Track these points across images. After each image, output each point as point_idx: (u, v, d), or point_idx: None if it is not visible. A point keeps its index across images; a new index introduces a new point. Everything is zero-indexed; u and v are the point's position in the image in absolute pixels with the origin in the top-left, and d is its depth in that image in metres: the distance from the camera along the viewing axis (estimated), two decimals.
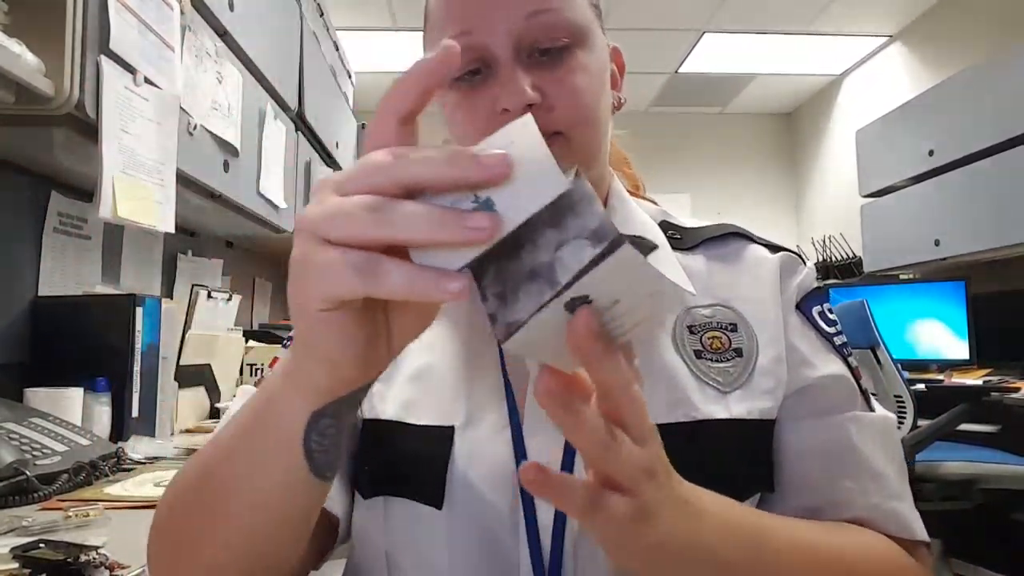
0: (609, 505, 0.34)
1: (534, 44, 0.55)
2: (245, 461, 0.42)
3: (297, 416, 0.38)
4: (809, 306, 0.61)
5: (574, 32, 0.56)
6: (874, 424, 0.57)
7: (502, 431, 0.54)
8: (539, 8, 0.54)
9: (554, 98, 0.54)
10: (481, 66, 0.55)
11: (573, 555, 0.51)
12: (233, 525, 0.43)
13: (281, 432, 0.39)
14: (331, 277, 0.32)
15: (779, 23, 3.81)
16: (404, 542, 0.54)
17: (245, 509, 0.42)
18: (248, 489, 0.42)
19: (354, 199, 0.32)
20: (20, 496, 0.83)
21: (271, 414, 0.40)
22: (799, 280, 0.62)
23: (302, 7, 2.14)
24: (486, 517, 0.52)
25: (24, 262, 1.23)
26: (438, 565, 0.52)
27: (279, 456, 0.40)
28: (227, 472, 0.43)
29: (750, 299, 0.60)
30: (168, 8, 1.20)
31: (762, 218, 5.01)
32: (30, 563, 0.60)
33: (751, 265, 0.62)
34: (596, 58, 0.58)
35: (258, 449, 0.41)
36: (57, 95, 0.92)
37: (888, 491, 0.55)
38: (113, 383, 1.21)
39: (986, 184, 2.70)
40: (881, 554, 0.52)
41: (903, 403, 2.31)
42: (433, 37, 0.58)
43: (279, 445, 0.39)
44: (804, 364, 0.58)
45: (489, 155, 0.31)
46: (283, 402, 0.39)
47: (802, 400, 0.57)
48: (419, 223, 0.31)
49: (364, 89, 4.37)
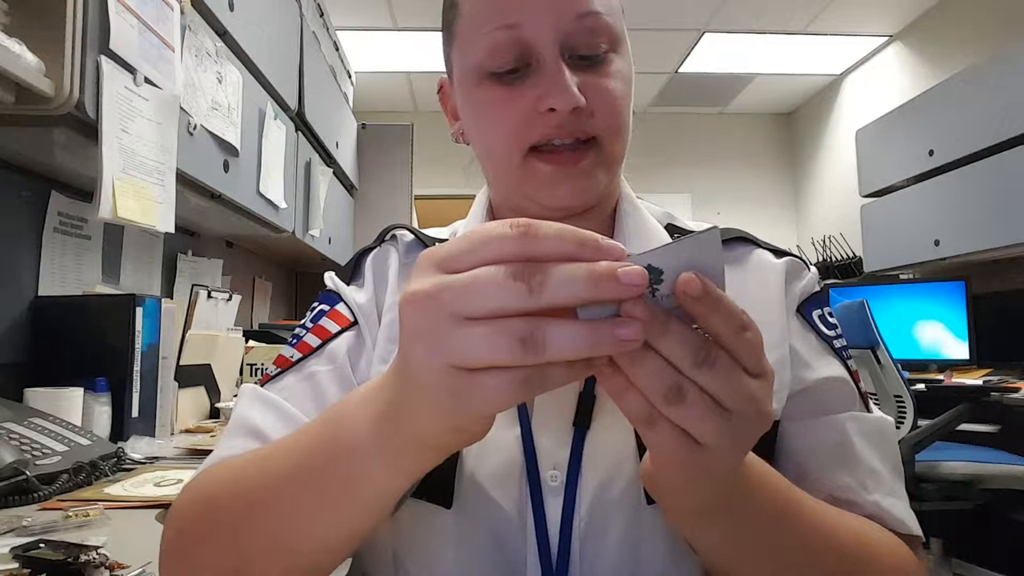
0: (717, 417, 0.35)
1: (579, 46, 0.54)
2: (318, 512, 0.42)
3: (395, 491, 0.41)
4: (809, 309, 0.61)
5: (614, 38, 0.56)
6: (872, 424, 0.58)
7: (511, 430, 0.54)
8: (589, 10, 0.54)
9: (595, 102, 0.54)
10: (521, 65, 0.55)
11: (580, 554, 0.52)
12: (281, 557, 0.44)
13: (376, 501, 0.41)
14: (490, 400, 0.32)
15: (779, 23, 3.81)
16: (412, 541, 0.54)
17: (306, 545, 0.43)
18: (318, 532, 0.43)
19: (507, 331, 0.31)
20: (20, 496, 0.83)
21: (364, 483, 0.40)
22: (802, 285, 0.62)
23: (302, 7, 2.14)
24: (494, 516, 0.52)
25: (24, 262, 1.23)
26: (446, 564, 0.52)
27: (366, 516, 0.42)
28: (291, 511, 0.43)
29: (755, 302, 0.59)
30: (168, 8, 1.20)
31: (762, 218, 5.01)
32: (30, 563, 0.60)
33: (757, 269, 0.62)
34: (628, 65, 0.58)
35: (339, 506, 0.42)
36: (57, 95, 0.92)
37: (886, 488, 0.56)
38: (113, 383, 1.20)
39: (986, 184, 2.70)
40: (888, 541, 0.53)
41: (903, 403, 2.31)
42: (466, 28, 0.57)
43: (368, 511, 0.42)
44: (804, 366, 0.58)
45: (629, 272, 0.32)
46: (383, 480, 0.40)
47: (802, 401, 0.57)
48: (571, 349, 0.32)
49: (364, 89, 4.37)
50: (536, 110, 0.54)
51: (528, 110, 0.54)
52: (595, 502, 0.52)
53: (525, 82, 0.54)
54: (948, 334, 3.00)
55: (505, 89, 0.55)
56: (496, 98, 0.55)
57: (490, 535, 0.52)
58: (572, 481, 0.52)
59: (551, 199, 0.57)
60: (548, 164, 0.55)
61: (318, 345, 0.59)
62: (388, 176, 3.28)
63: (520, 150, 0.55)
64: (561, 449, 0.53)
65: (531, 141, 0.55)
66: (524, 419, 0.54)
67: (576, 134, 0.54)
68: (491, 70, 0.55)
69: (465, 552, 0.52)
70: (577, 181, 0.55)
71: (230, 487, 0.47)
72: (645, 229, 0.62)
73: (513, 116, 0.55)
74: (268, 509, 0.44)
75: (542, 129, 0.54)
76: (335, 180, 2.66)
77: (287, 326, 2.28)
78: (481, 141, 0.59)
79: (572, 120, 0.54)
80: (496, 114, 0.56)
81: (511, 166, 0.57)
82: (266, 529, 0.44)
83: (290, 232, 2.06)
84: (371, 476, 0.40)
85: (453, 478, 0.52)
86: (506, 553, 0.52)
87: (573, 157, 0.55)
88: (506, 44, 0.54)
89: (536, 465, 0.53)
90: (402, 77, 4.47)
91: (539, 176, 0.55)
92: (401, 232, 0.66)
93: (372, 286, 0.63)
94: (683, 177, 5.08)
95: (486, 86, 0.56)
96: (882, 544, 0.52)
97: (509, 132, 0.55)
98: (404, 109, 4.95)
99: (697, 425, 0.34)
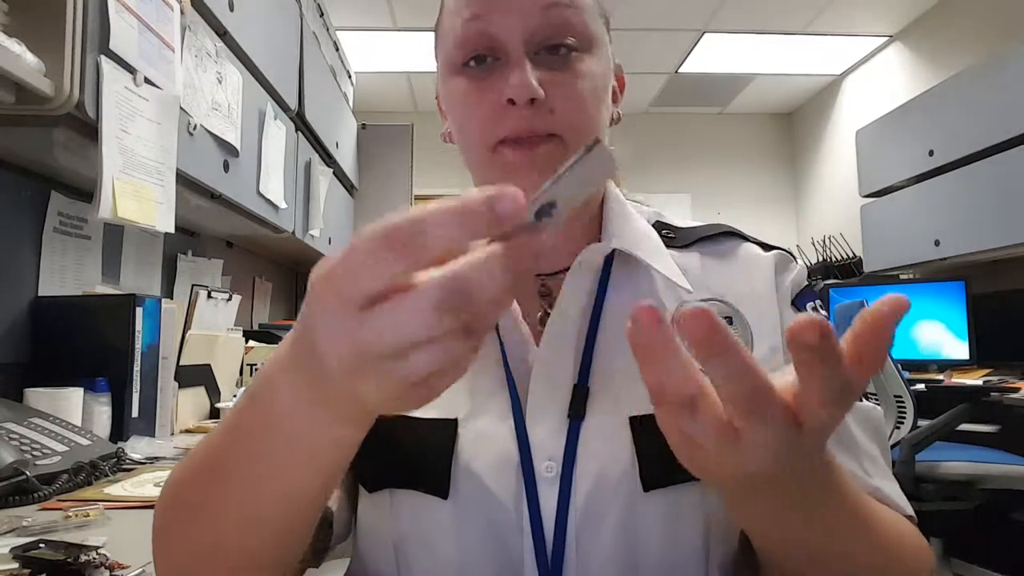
0: None
1: (545, 40, 0.55)
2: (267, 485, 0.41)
3: (349, 448, 0.39)
4: (803, 302, 0.62)
5: (585, 36, 0.56)
6: (866, 413, 0.60)
7: (505, 422, 0.55)
8: (554, 1, 0.55)
9: (556, 99, 0.55)
10: (489, 54, 0.56)
11: (576, 543, 0.52)
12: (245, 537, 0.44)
13: (328, 461, 0.39)
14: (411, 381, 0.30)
15: (779, 23, 3.81)
16: (411, 533, 0.55)
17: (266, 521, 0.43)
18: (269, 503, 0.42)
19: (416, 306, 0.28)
20: (20, 496, 0.83)
21: (308, 446, 0.38)
22: (792, 276, 0.63)
23: (302, 7, 2.14)
24: (490, 506, 0.53)
25: (24, 262, 1.23)
26: (445, 554, 0.53)
27: (318, 476, 0.40)
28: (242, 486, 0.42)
29: (745, 294, 0.61)
30: (168, 8, 1.20)
31: (762, 218, 5.01)
32: (30, 563, 0.60)
33: (745, 262, 0.63)
34: (601, 68, 0.58)
35: (284, 476, 0.40)
36: (57, 95, 0.92)
37: (883, 473, 0.58)
38: (113, 383, 1.20)
39: (986, 184, 2.70)
40: (906, 527, 0.55)
41: (903, 403, 2.31)
42: (447, 20, 0.59)
43: (320, 471, 0.40)
44: None
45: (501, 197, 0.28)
46: (324, 457, 0.39)
47: None
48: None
49: (364, 89, 4.37)
50: (500, 103, 0.55)
51: (495, 103, 0.55)
52: (591, 492, 0.52)
53: (492, 75, 0.56)
54: (948, 334, 3.00)
55: (474, 83, 0.57)
56: (466, 90, 0.57)
57: (487, 526, 0.53)
58: (568, 472, 0.53)
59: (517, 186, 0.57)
60: (513, 152, 0.56)
61: None
62: (388, 176, 3.28)
63: (488, 145, 0.57)
64: (556, 440, 0.54)
65: (498, 136, 0.56)
66: (518, 411, 0.55)
67: (535, 130, 0.55)
68: (460, 62, 0.57)
69: (463, 543, 0.53)
70: (536, 166, 0.55)
71: (191, 463, 0.46)
72: (631, 226, 0.63)
73: (482, 109, 0.56)
74: (219, 480, 0.43)
75: (508, 123, 0.55)
76: (335, 180, 2.66)
77: (287, 326, 2.28)
78: (458, 134, 0.61)
79: (532, 115, 0.54)
80: (467, 107, 0.57)
81: (481, 157, 0.58)
82: (224, 500, 0.43)
83: (290, 232, 2.06)
84: (299, 432, 0.37)
85: (449, 469, 0.53)
86: (503, 543, 0.53)
87: (532, 144, 0.55)
88: (474, 36, 0.56)
89: (530, 457, 0.53)
90: (402, 77, 4.47)
91: (505, 165, 0.56)
92: None
93: None
94: (683, 177, 5.07)
95: (458, 79, 0.57)
96: (909, 534, 0.54)
97: (478, 125, 0.57)
98: (404, 109, 4.95)
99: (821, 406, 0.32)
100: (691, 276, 0.61)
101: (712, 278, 0.62)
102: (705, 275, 0.62)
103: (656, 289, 0.60)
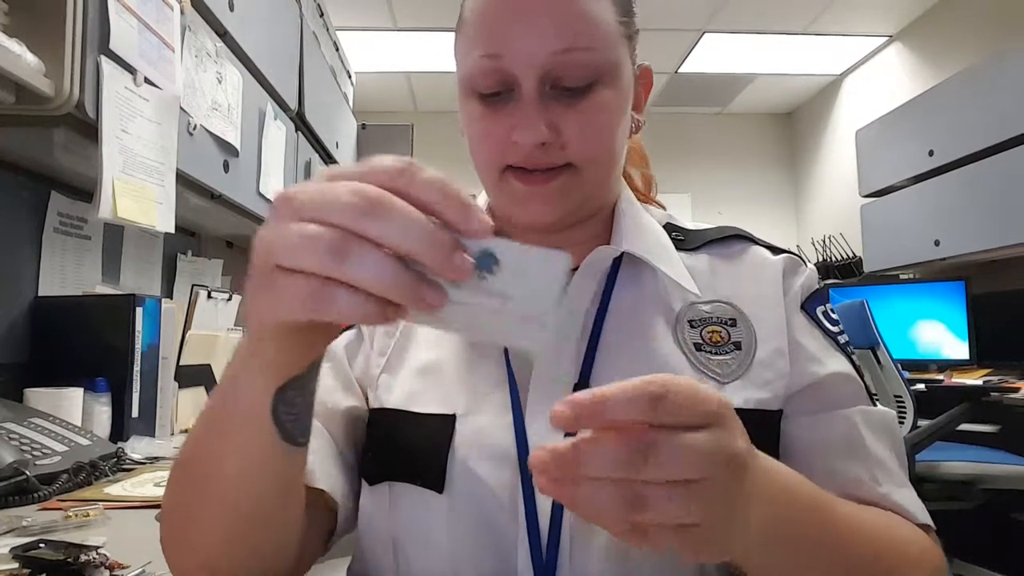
0: None
1: (559, 80, 0.56)
2: (219, 443, 0.43)
3: (262, 393, 0.40)
4: (813, 306, 0.62)
5: (600, 71, 0.57)
6: (879, 418, 0.59)
7: (503, 418, 0.56)
8: (570, 46, 0.55)
9: (568, 136, 0.56)
10: (504, 89, 0.57)
11: (570, 540, 0.53)
12: (217, 507, 0.45)
13: (250, 409, 0.41)
14: (286, 303, 0.33)
15: (779, 23, 3.81)
16: (408, 525, 0.56)
17: (228, 488, 0.44)
18: (226, 468, 0.43)
19: (319, 238, 0.31)
20: (20, 496, 0.83)
21: (238, 394, 0.41)
22: (802, 281, 0.63)
23: (302, 7, 2.14)
24: (485, 500, 0.54)
25: (24, 262, 1.23)
26: (440, 546, 0.54)
27: (250, 431, 0.41)
28: (204, 455, 0.45)
29: (751, 296, 0.61)
30: (168, 8, 1.20)
31: (762, 218, 5.01)
32: (30, 563, 0.60)
33: (754, 265, 0.63)
34: (619, 94, 0.59)
35: (230, 429, 0.42)
36: (57, 95, 0.92)
37: (896, 480, 0.57)
38: (113, 383, 1.20)
39: (986, 184, 2.70)
40: (911, 532, 0.55)
41: (903, 403, 2.31)
42: (465, 47, 0.60)
43: (249, 421, 0.41)
44: (812, 361, 0.59)
45: (464, 263, 0.32)
46: (247, 383, 0.40)
47: (812, 396, 0.58)
48: (376, 279, 0.32)
49: (364, 89, 4.37)
50: (509, 139, 0.56)
51: (504, 136, 0.56)
52: None
53: (506, 107, 0.57)
54: (948, 334, 3.00)
55: (487, 110, 0.58)
56: (479, 117, 0.58)
57: (482, 520, 0.54)
58: None
59: (523, 216, 0.60)
60: (521, 182, 0.58)
61: None
62: None
63: (497, 168, 0.58)
64: (554, 437, 0.54)
65: (506, 162, 0.58)
66: (517, 408, 0.56)
67: (546, 164, 0.57)
68: (477, 89, 0.58)
69: (458, 536, 0.54)
70: (548, 201, 0.58)
71: (177, 460, 0.49)
72: (641, 228, 0.63)
73: (491, 138, 0.58)
74: (192, 462, 0.46)
75: (515, 155, 0.57)
76: None
77: None
78: (471, 152, 0.62)
79: (540, 153, 0.56)
80: (478, 132, 0.59)
81: (490, 180, 0.60)
82: (194, 477, 0.46)
83: None
84: (239, 381, 0.41)
85: (445, 463, 0.55)
86: (498, 538, 0.53)
87: (544, 178, 0.57)
88: (490, 70, 0.57)
89: (528, 453, 0.54)
90: (402, 77, 4.47)
91: (513, 193, 0.58)
92: None
93: None
94: (683, 177, 5.07)
95: (473, 102, 0.59)
96: (908, 535, 0.53)
97: (488, 149, 0.59)
98: (404, 109, 4.95)
99: (680, 515, 0.34)
100: (699, 278, 0.62)
101: (719, 280, 0.62)
102: (713, 277, 0.62)
103: (660, 291, 0.61)
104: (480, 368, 0.59)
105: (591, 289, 0.60)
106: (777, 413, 0.58)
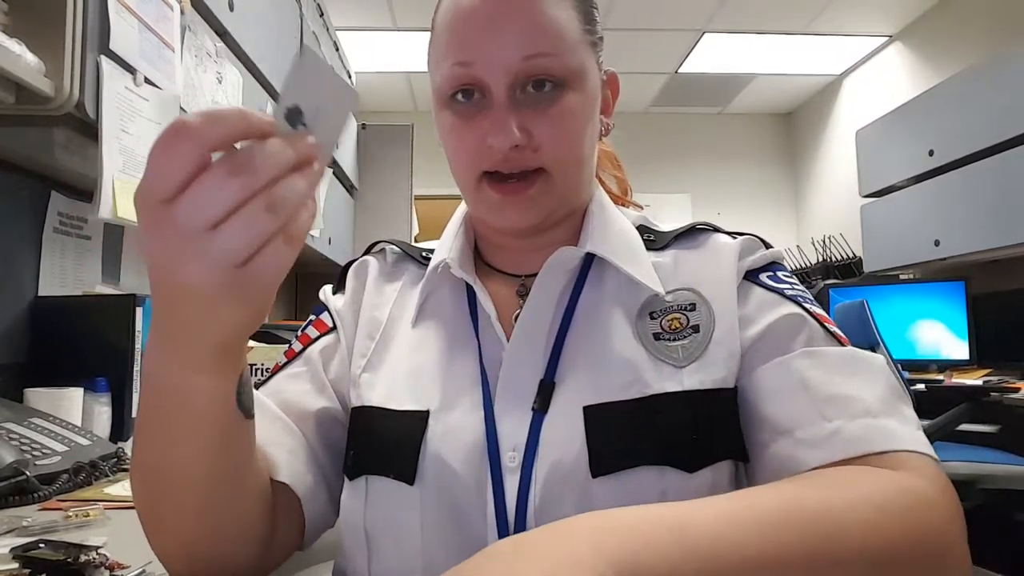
0: None
1: (527, 84, 0.58)
2: (180, 431, 0.46)
3: (229, 391, 0.45)
4: (756, 274, 0.63)
5: (567, 76, 0.59)
6: (835, 356, 0.55)
7: (475, 414, 0.58)
8: (537, 52, 0.57)
9: (540, 138, 0.58)
10: (477, 94, 0.59)
11: (536, 526, 0.53)
12: (181, 491, 0.48)
13: (212, 401, 0.44)
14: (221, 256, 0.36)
15: (779, 23, 3.81)
16: (380, 518, 0.58)
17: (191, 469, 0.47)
18: (189, 451, 0.46)
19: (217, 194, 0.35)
20: (20, 496, 0.83)
21: (200, 394, 0.44)
22: (753, 258, 0.64)
23: (302, 7, 2.14)
24: (455, 492, 0.55)
25: (24, 262, 1.23)
26: (411, 538, 0.56)
27: (214, 415, 0.45)
28: (164, 444, 0.47)
29: (710, 279, 0.63)
30: (168, 8, 1.20)
31: (762, 218, 5.01)
32: (30, 563, 0.60)
33: (713, 250, 0.65)
34: (586, 98, 0.61)
35: (190, 420, 0.45)
36: (57, 95, 0.92)
37: (853, 411, 0.51)
38: (113, 383, 1.20)
39: (986, 184, 2.70)
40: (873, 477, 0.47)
41: None
42: (437, 55, 0.62)
43: (212, 408, 0.45)
44: (749, 322, 0.60)
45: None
46: (209, 386, 0.44)
47: (753, 354, 0.58)
48: None
49: (364, 89, 4.37)
50: (483, 144, 0.58)
51: (478, 142, 0.59)
52: (547, 480, 0.54)
53: (479, 114, 0.59)
54: (948, 334, 3.00)
55: (461, 119, 0.60)
56: (454, 125, 0.60)
57: (452, 511, 0.55)
58: (528, 462, 0.55)
59: (499, 222, 0.62)
60: (496, 192, 0.60)
61: (300, 350, 0.68)
62: (388, 176, 3.28)
63: (474, 176, 0.60)
64: (520, 431, 0.57)
65: (482, 168, 0.60)
66: (488, 404, 0.58)
67: (520, 167, 0.59)
68: (447, 95, 0.60)
69: (428, 527, 0.55)
70: (522, 208, 0.60)
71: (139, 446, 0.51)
72: (610, 230, 0.65)
73: (466, 145, 0.60)
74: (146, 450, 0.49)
75: (490, 160, 0.59)
76: (335, 180, 2.66)
77: (287, 326, 2.28)
78: (449, 160, 0.64)
79: (515, 155, 0.58)
80: (453, 141, 0.61)
81: (468, 188, 0.62)
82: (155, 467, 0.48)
83: None
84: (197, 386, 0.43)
85: (416, 456, 0.57)
86: (467, 528, 0.55)
87: (519, 186, 0.60)
88: (461, 78, 0.59)
89: (497, 447, 0.56)
90: (402, 77, 4.47)
91: (488, 201, 0.61)
92: (389, 247, 0.74)
93: (351, 292, 0.70)
94: (683, 177, 5.07)
95: (447, 113, 0.61)
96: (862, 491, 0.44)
97: (463, 159, 0.61)
98: (404, 109, 4.95)
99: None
100: (664, 273, 0.63)
101: (682, 268, 0.64)
102: (676, 268, 0.64)
103: (623, 289, 0.62)
104: (456, 367, 0.61)
105: (558, 288, 0.62)
106: (732, 391, 0.58)
